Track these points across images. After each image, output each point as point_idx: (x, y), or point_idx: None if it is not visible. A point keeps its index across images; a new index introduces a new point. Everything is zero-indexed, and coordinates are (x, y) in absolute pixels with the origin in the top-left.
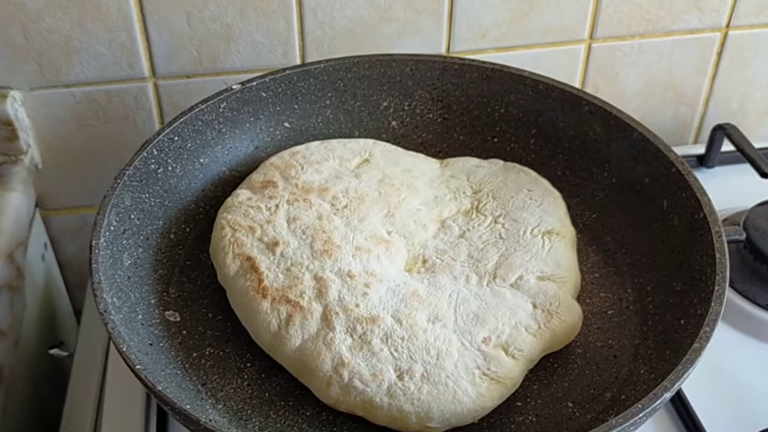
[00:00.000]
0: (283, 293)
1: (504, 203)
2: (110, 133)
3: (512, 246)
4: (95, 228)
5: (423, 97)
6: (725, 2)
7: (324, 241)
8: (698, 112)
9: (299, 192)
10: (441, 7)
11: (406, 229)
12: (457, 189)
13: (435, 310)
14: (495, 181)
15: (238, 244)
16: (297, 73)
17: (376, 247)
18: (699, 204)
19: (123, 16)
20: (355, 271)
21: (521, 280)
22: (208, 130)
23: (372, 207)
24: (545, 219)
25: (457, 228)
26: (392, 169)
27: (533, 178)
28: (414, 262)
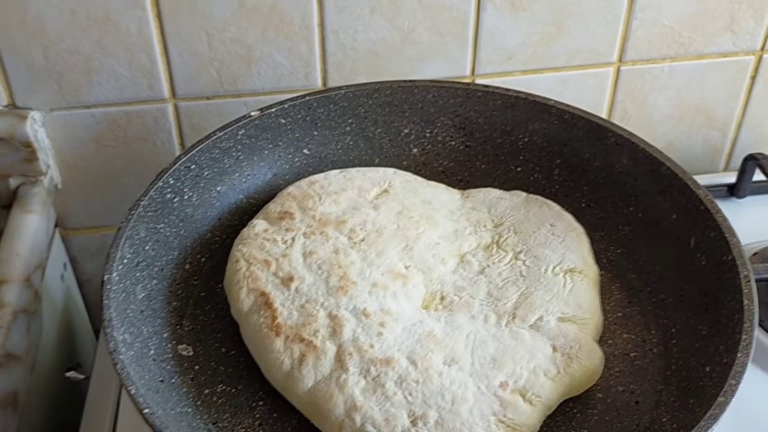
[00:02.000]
0: (297, 331)
1: (525, 238)
2: (130, 153)
3: (533, 284)
4: (108, 262)
5: (445, 124)
6: (761, 25)
7: (340, 277)
8: (729, 137)
9: (316, 225)
10: (466, 29)
11: (425, 263)
12: (478, 222)
13: (451, 352)
14: (517, 214)
15: (253, 279)
16: (317, 99)
17: (393, 283)
18: (728, 245)
19: (143, 38)
20: (371, 309)
21: (541, 321)
22: (226, 157)
23: (390, 240)
24: (567, 256)
25: (477, 263)
26: (412, 200)
27: (556, 212)
28: (432, 298)
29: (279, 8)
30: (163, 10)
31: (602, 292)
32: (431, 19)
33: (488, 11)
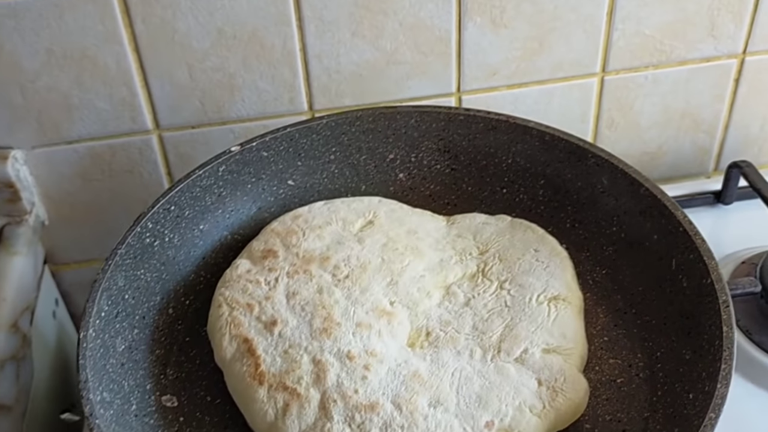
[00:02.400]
0: (281, 379)
1: (510, 265)
2: (116, 186)
3: (518, 315)
4: (83, 318)
5: (429, 148)
6: (741, 29)
7: (324, 318)
8: (717, 139)
9: (300, 263)
10: (448, 48)
11: (410, 298)
12: (463, 250)
13: (437, 393)
14: (502, 240)
15: (236, 324)
16: (299, 130)
17: (377, 322)
18: (707, 268)
19: (122, 72)
20: (355, 351)
21: (526, 354)
22: (207, 195)
23: (374, 276)
24: (551, 283)
25: (462, 295)
26: (397, 230)
27: (540, 236)
28: (417, 335)
29: (259, 36)
30: (141, 44)
31: (588, 314)
32: (413, 39)
33: (469, 30)
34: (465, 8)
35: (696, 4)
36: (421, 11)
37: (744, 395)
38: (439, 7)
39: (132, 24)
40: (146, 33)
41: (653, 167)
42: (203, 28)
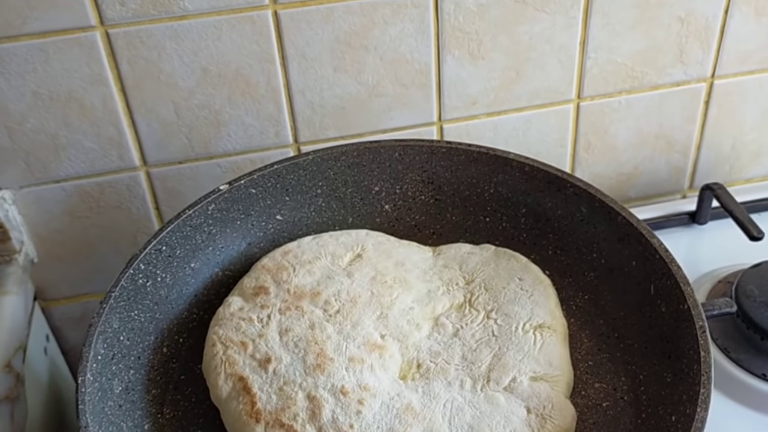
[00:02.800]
0: (277, 416)
1: (496, 295)
2: (105, 222)
3: (505, 344)
4: (81, 362)
5: (414, 180)
6: (708, 55)
7: (317, 354)
8: (691, 158)
9: (291, 299)
10: (428, 80)
11: (400, 330)
12: (450, 280)
13: (429, 425)
14: (487, 269)
15: (230, 363)
16: (285, 167)
17: (369, 356)
18: (683, 295)
19: (109, 112)
20: (349, 386)
21: (514, 383)
22: (198, 233)
23: (365, 309)
24: (536, 311)
25: (451, 326)
26: (384, 263)
27: (523, 265)
28: (408, 367)
29: (243, 73)
30: (127, 84)
31: (573, 339)
32: (394, 73)
33: (448, 62)
34: (443, 42)
35: (665, 32)
36: (401, 46)
37: (724, 411)
38: (419, 42)
39: (118, 66)
40: (132, 74)
41: (630, 187)
42: (188, 68)
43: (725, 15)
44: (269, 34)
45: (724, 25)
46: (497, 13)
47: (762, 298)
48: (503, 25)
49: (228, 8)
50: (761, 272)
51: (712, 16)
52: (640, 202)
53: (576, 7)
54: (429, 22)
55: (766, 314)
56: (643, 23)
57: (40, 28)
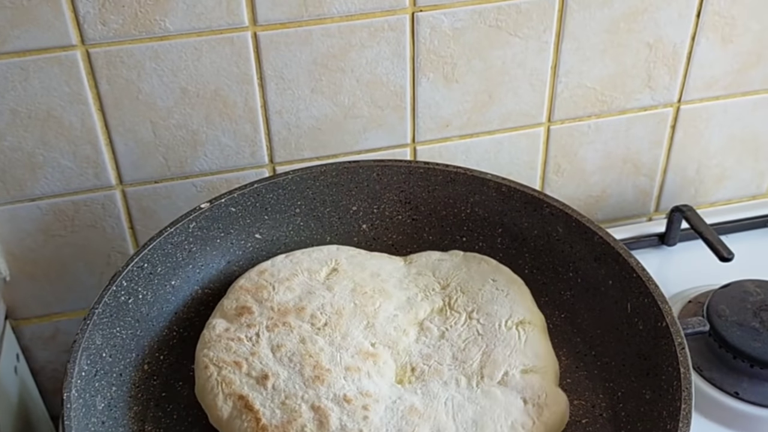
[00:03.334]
0: (284, 430)
1: (473, 296)
2: (79, 241)
3: (491, 341)
4: (66, 378)
5: (391, 200)
6: (675, 80)
7: (313, 366)
8: (657, 182)
9: (276, 316)
10: (403, 102)
11: (389, 337)
12: (426, 287)
13: (436, 423)
14: (460, 273)
15: (227, 383)
16: (265, 186)
17: (364, 364)
18: (661, 313)
19: (87, 131)
20: (351, 394)
21: (507, 376)
22: (178, 251)
23: (351, 320)
24: (515, 309)
25: (436, 329)
26: (361, 275)
27: (494, 266)
28: (403, 371)
29: (222, 94)
30: (106, 103)
31: None
32: (369, 95)
33: (423, 85)
34: (419, 65)
35: (633, 58)
36: (377, 68)
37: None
38: (395, 65)
39: (97, 85)
40: (111, 93)
41: (598, 209)
42: (167, 88)
43: (692, 42)
44: (248, 55)
45: (691, 52)
46: (472, 38)
47: (733, 318)
48: (477, 49)
49: (208, 29)
50: (731, 292)
51: (679, 43)
52: (607, 225)
53: (548, 31)
54: (405, 45)
55: (737, 333)
56: (613, 48)
57: (21, 46)
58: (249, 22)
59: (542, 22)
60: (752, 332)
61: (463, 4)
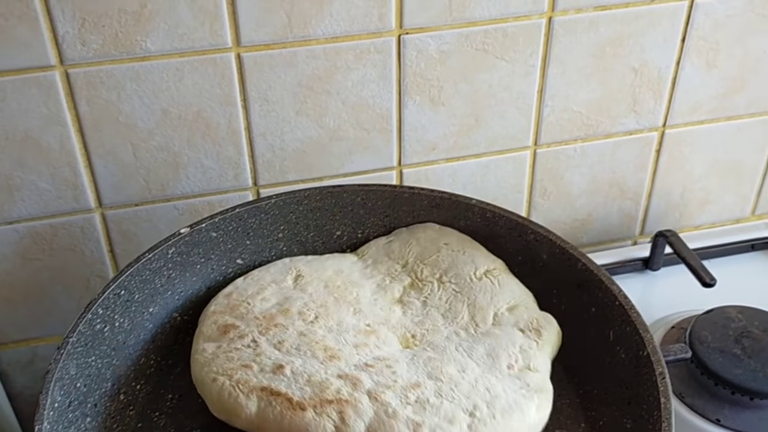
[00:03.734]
0: (321, 398)
1: (435, 264)
2: (57, 265)
3: (470, 294)
4: (38, 410)
5: (375, 224)
6: (660, 105)
7: (324, 349)
8: (642, 205)
9: (264, 322)
10: (389, 124)
11: (379, 317)
12: (388, 270)
13: (457, 363)
14: (412, 248)
15: (243, 383)
16: (247, 210)
17: (369, 339)
18: (642, 341)
19: (66, 153)
20: (370, 361)
21: (497, 317)
22: (157, 277)
23: (338, 310)
24: (477, 262)
25: (417, 301)
26: (325, 274)
27: (439, 230)
28: (406, 340)
29: (204, 116)
30: (85, 125)
31: None
32: (355, 117)
33: (409, 107)
34: (405, 88)
35: (619, 82)
36: (363, 91)
37: None
38: (381, 87)
39: (76, 106)
40: (90, 114)
41: (584, 233)
42: (148, 109)
43: (677, 66)
44: (231, 76)
45: (676, 76)
46: (458, 61)
47: (715, 344)
48: (464, 72)
49: (191, 50)
50: (714, 318)
51: (664, 67)
52: (592, 248)
53: (535, 55)
54: (391, 67)
55: (719, 360)
56: (599, 73)
57: None
58: (232, 43)
59: (529, 46)
60: (734, 359)
61: (450, 27)
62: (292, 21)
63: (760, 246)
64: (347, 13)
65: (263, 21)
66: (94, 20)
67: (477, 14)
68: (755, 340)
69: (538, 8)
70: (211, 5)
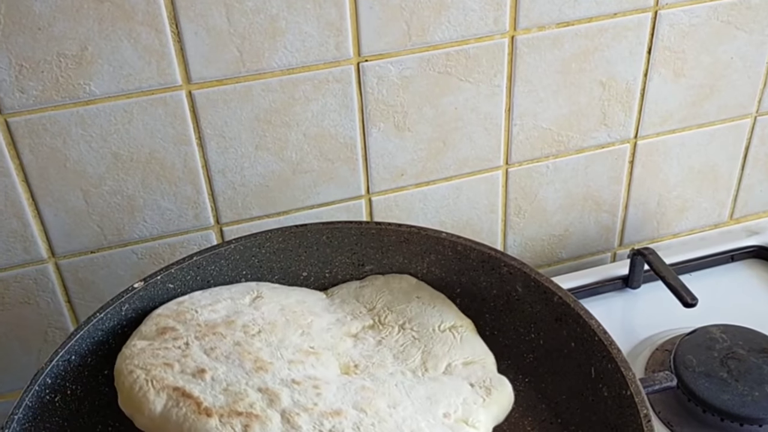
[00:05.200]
0: (231, 408)
1: (402, 312)
2: (12, 319)
3: (429, 342)
4: None
5: (343, 262)
6: (630, 117)
7: (254, 360)
8: (619, 217)
9: (205, 329)
10: (354, 153)
11: (326, 342)
12: (353, 311)
13: (390, 398)
14: (383, 296)
15: (158, 380)
16: (206, 258)
17: (307, 359)
18: (625, 380)
19: (11, 204)
20: (299, 378)
21: (450, 367)
22: (111, 337)
23: (285, 329)
24: (445, 316)
25: (372, 339)
26: (286, 300)
27: (415, 284)
28: (347, 367)
29: (158, 156)
30: (30, 174)
31: (516, 427)
32: (318, 148)
33: (374, 135)
34: (368, 115)
35: (587, 97)
36: (324, 121)
37: None
38: (343, 116)
39: (19, 155)
40: (36, 162)
41: (562, 248)
42: (97, 153)
43: (645, 78)
44: (184, 115)
45: (644, 88)
46: (421, 85)
47: (701, 368)
48: (428, 96)
49: (138, 91)
50: (697, 340)
51: (632, 80)
52: (572, 262)
53: (499, 75)
54: (352, 96)
55: (705, 385)
56: (566, 88)
57: None
58: (182, 80)
59: (492, 67)
60: (721, 383)
61: (410, 51)
62: (244, 55)
63: (739, 257)
64: (302, 44)
65: (213, 57)
66: (32, 66)
67: (437, 37)
68: (740, 361)
69: (499, 28)
70: (156, 44)
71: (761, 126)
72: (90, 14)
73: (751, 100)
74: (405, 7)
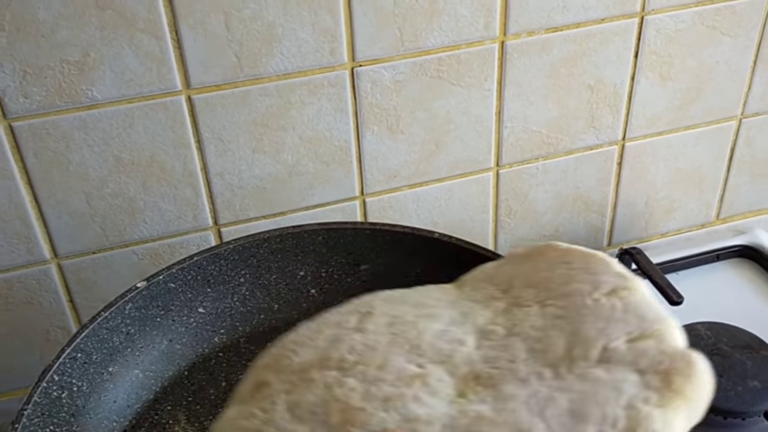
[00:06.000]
0: None
1: (545, 285)
2: (15, 319)
3: (577, 320)
4: None
5: (339, 262)
6: (618, 119)
7: (341, 411)
8: (608, 217)
9: (296, 377)
10: (348, 156)
11: (440, 353)
12: (485, 297)
13: (516, 425)
14: (523, 269)
15: None
16: (206, 258)
17: (409, 389)
18: None
19: (15, 206)
20: (392, 425)
21: (608, 351)
22: (115, 335)
23: (389, 350)
24: (602, 279)
25: (502, 328)
26: (400, 309)
27: (564, 250)
28: (465, 383)
29: (158, 159)
30: (34, 177)
31: None
32: (314, 151)
33: (368, 138)
34: (362, 119)
35: (576, 100)
36: (319, 124)
37: None
38: (337, 120)
39: (23, 158)
40: (39, 166)
41: None
42: (99, 157)
43: (632, 81)
44: (183, 119)
45: (632, 91)
46: (414, 89)
47: None
48: (420, 100)
49: (139, 96)
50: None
51: (619, 83)
52: None
53: (490, 79)
54: (347, 100)
55: None
56: (555, 92)
57: None
58: (182, 85)
59: (483, 71)
60: None
61: (403, 57)
62: (242, 61)
63: (725, 256)
64: (298, 50)
65: (212, 63)
66: (35, 72)
67: (429, 43)
68: (725, 357)
69: (490, 34)
70: (156, 50)
71: (746, 128)
72: (92, 21)
73: (736, 103)
74: (398, 13)
